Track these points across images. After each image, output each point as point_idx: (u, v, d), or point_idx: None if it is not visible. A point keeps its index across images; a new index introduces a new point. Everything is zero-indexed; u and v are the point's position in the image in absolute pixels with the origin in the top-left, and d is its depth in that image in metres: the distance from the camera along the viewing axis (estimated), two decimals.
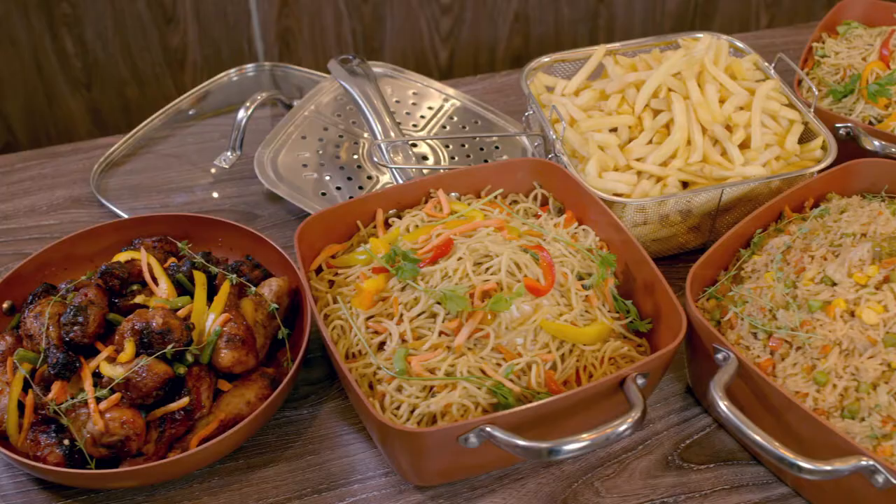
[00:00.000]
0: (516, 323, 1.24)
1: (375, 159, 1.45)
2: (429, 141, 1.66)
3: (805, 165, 1.50)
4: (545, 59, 1.65)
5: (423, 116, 1.71)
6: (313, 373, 1.40)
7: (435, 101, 1.75)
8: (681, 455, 1.30)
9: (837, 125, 1.55)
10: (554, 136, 1.50)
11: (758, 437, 1.09)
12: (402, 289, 1.28)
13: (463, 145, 1.68)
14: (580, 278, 1.32)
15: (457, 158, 1.66)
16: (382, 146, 1.50)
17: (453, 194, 1.45)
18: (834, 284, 1.23)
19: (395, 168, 1.48)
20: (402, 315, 1.25)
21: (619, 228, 1.36)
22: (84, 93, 2.98)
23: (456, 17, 3.20)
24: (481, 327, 1.22)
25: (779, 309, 1.24)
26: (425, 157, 1.65)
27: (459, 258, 1.27)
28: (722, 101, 1.52)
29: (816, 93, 1.55)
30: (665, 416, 1.36)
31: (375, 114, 1.53)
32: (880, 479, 1.10)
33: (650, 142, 1.51)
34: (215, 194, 1.63)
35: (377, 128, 1.52)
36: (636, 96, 1.52)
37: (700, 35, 1.68)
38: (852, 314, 1.19)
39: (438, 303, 1.23)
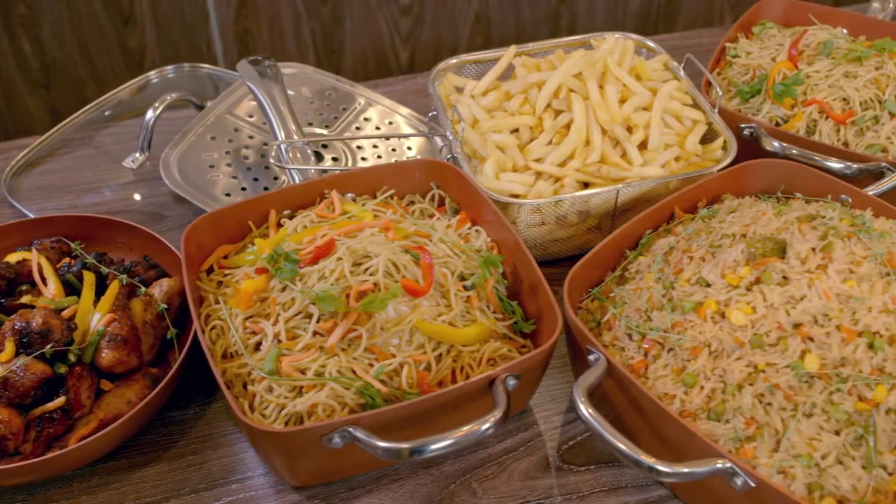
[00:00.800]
0: (391, 324, 1.24)
1: (272, 160, 1.45)
2: (341, 142, 1.66)
3: (706, 166, 1.50)
4: (453, 60, 1.65)
5: (336, 117, 1.72)
6: (203, 373, 1.40)
7: (351, 101, 1.75)
8: (562, 456, 1.30)
9: (741, 125, 1.54)
10: (451, 137, 1.50)
11: (614, 439, 1.09)
12: (283, 289, 1.28)
13: (375, 146, 1.69)
14: (463, 279, 1.32)
15: (369, 160, 1.66)
16: (282, 147, 1.51)
17: (349, 195, 1.45)
18: (708, 285, 1.22)
19: (293, 169, 1.48)
20: (278, 315, 1.25)
21: (508, 229, 1.36)
22: (42, 93, 3.00)
23: (416, 17, 3.20)
24: (355, 328, 1.23)
25: (653, 310, 1.24)
26: (336, 159, 1.65)
27: (339, 259, 1.27)
28: (625, 102, 1.52)
29: (720, 93, 1.54)
30: (551, 417, 1.35)
31: (278, 115, 1.54)
32: (739, 481, 1.09)
33: (550, 142, 1.51)
34: (125, 195, 1.63)
35: (279, 129, 1.52)
36: (538, 97, 1.52)
37: (616, 35, 1.68)
38: (723, 315, 1.19)
39: (314, 303, 1.24)
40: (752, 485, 1.08)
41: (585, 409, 1.11)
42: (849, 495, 1.10)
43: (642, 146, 1.50)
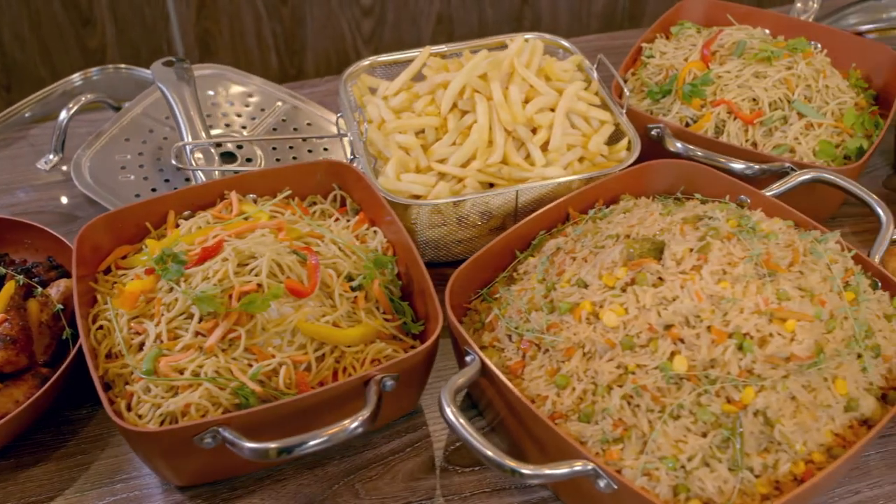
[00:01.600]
0: (273, 324, 1.24)
1: (174, 161, 1.46)
2: (257, 144, 1.66)
3: (610, 166, 1.49)
4: (366, 62, 1.65)
5: (254, 118, 1.72)
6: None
7: (272, 103, 1.75)
8: (448, 458, 1.30)
9: (649, 126, 1.54)
10: (352, 137, 1.50)
11: (476, 443, 1.09)
12: (169, 290, 1.28)
13: (291, 147, 1.69)
14: (350, 279, 1.32)
15: (282, 161, 1.67)
16: (186, 148, 1.51)
17: (251, 196, 1.46)
18: (586, 286, 1.22)
19: (197, 170, 1.49)
20: (162, 316, 1.25)
21: (400, 230, 1.36)
22: (3, 94, 3.03)
23: (378, 18, 3.20)
24: (236, 328, 1.23)
25: (532, 311, 1.24)
26: (250, 160, 1.66)
27: (224, 259, 1.27)
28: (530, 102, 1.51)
29: (627, 93, 1.53)
30: (440, 418, 1.35)
31: (186, 117, 1.54)
32: (602, 483, 1.09)
33: (454, 143, 1.50)
34: (39, 196, 1.64)
35: (185, 131, 1.53)
36: (443, 98, 1.52)
37: (528, 35, 1.68)
38: (597, 317, 1.19)
39: (195, 304, 1.24)
40: (615, 487, 1.08)
41: (449, 411, 1.11)
42: (714, 498, 1.10)
43: (546, 147, 1.50)
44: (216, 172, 1.49)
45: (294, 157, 1.67)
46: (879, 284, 1.30)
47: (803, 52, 1.61)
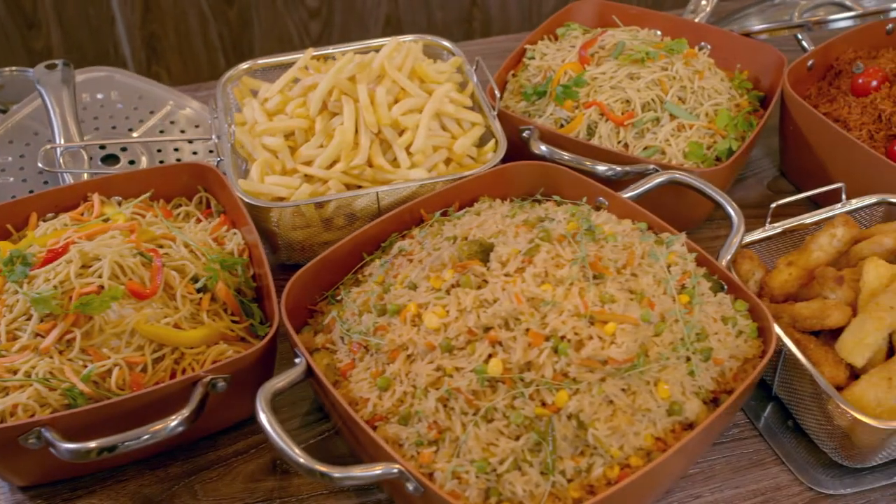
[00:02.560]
0: (111, 326, 1.24)
1: (40, 163, 1.47)
2: (141, 146, 1.67)
3: (477, 168, 1.49)
4: (244, 65, 1.65)
5: (142, 121, 1.73)
6: None
7: (161, 105, 1.76)
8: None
9: (520, 128, 1.53)
10: (216, 140, 1.51)
11: (285, 447, 1.09)
12: (14, 292, 1.29)
13: (176, 149, 1.70)
14: (195, 280, 1.32)
15: (165, 163, 1.67)
16: (57, 150, 1.52)
17: (116, 198, 1.46)
18: (416, 288, 1.22)
19: (65, 172, 1.50)
20: (3, 317, 1.26)
21: (252, 231, 1.37)
22: None
23: (325, 20, 3.21)
24: (73, 330, 1.24)
25: (364, 313, 1.24)
26: (133, 162, 1.66)
27: (68, 261, 1.28)
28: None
29: (499, 95, 1.53)
30: (289, 420, 1.35)
31: (61, 119, 1.55)
32: (411, 486, 1.09)
33: (321, 145, 1.51)
34: None
35: (58, 133, 1.54)
36: (311, 100, 1.52)
37: (409, 37, 1.68)
38: (422, 319, 1.18)
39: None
40: (422, 490, 1.08)
41: (263, 416, 1.11)
42: (525, 501, 1.09)
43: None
44: (85, 175, 1.50)
45: (178, 160, 1.68)
46: (725, 287, 1.29)
47: (682, 53, 1.60)
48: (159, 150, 1.69)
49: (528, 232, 1.24)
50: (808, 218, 1.42)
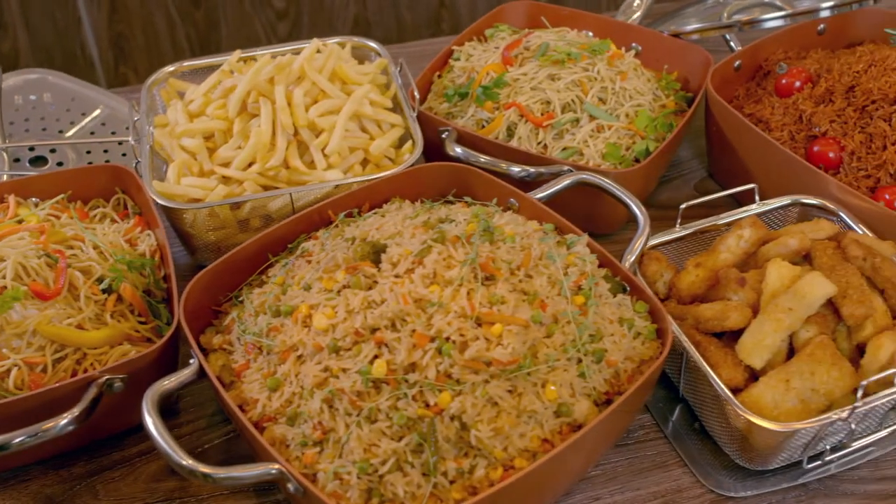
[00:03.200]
0: (12, 326, 1.25)
1: None
2: (71, 148, 1.68)
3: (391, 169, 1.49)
4: (170, 68, 1.66)
5: (73, 122, 1.74)
6: None
7: (93, 107, 1.77)
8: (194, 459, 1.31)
9: (440, 129, 1.53)
10: (133, 142, 1.51)
11: (166, 447, 1.09)
12: None
13: (106, 150, 1.70)
14: (100, 281, 1.33)
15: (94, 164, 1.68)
16: None
17: (34, 200, 1.47)
18: (310, 289, 1.22)
19: None
20: None
21: (162, 233, 1.37)
22: None
23: (293, 21, 3.22)
24: None
25: (260, 314, 1.24)
26: (61, 164, 1.67)
27: None
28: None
29: (417, 96, 1.53)
30: (196, 420, 1.36)
31: None
32: (291, 486, 1.09)
33: (239, 147, 1.51)
34: None
35: None
36: (230, 101, 1.53)
37: (338, 39, 1.68)
38: (313, 320, 1.19)
39: None
40: (302, 490, 1.08)
41: (148, 418, 1.12)
42: (407, 502, 1.09)
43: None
44: (4, 176, 1.51)
45: (107, 161, 1.69)
46: (628, 288, 1.29)
47: (605, 53, 1.60)
48: (89, 152, 1.70)
49: (425, 233, 1.24)
50: (720, 219, 1.41)
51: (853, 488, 1.28)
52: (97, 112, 1.76)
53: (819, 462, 1.27)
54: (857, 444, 1.28)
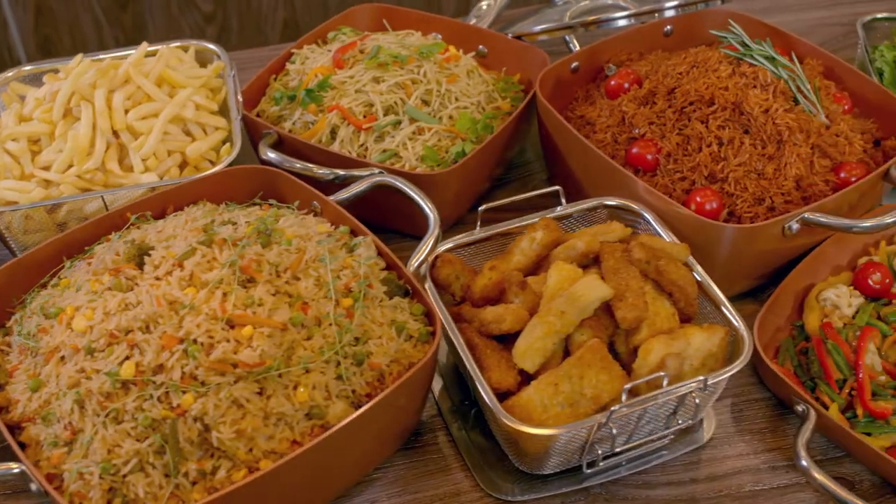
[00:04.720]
0: None
1: None
2: None
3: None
4: (10, 73, 1.67)
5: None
6: None
7: None
8: None
9: (264, 132, 1.54)
10: None
11: None
12: None
13: None
14: None
15: None
16: None
17: None
18: (79, 290, 1.23)
19: None
20: None
21: None
22: None
23: (221, 25, 3.24)
24: None
25: (33, 315, 1.25)
26: None
27: None
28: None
29: (241, 99, 1.54)
30: None
31: None
32: (34, 486, 1.10)
33: (61, 150, 1.52)
34: None
35: None
36: (54, 105, 1.54)
37: (177, 42, 1.69)
38: None
39: None
40: (42, 489, 1.09)
41: None
42: (148, 502, 1.10)
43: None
44: None
45: None
46: (410, 291, 1.29)
47: (433, 56, 1.60)
48: None
49: (196, 235, 1.25)
50: (516, 223, 1.40)
51: (635, 493, 1.28)
52: None
53: (597, 468, 1.26)
54: (634, 448, 1.28)
